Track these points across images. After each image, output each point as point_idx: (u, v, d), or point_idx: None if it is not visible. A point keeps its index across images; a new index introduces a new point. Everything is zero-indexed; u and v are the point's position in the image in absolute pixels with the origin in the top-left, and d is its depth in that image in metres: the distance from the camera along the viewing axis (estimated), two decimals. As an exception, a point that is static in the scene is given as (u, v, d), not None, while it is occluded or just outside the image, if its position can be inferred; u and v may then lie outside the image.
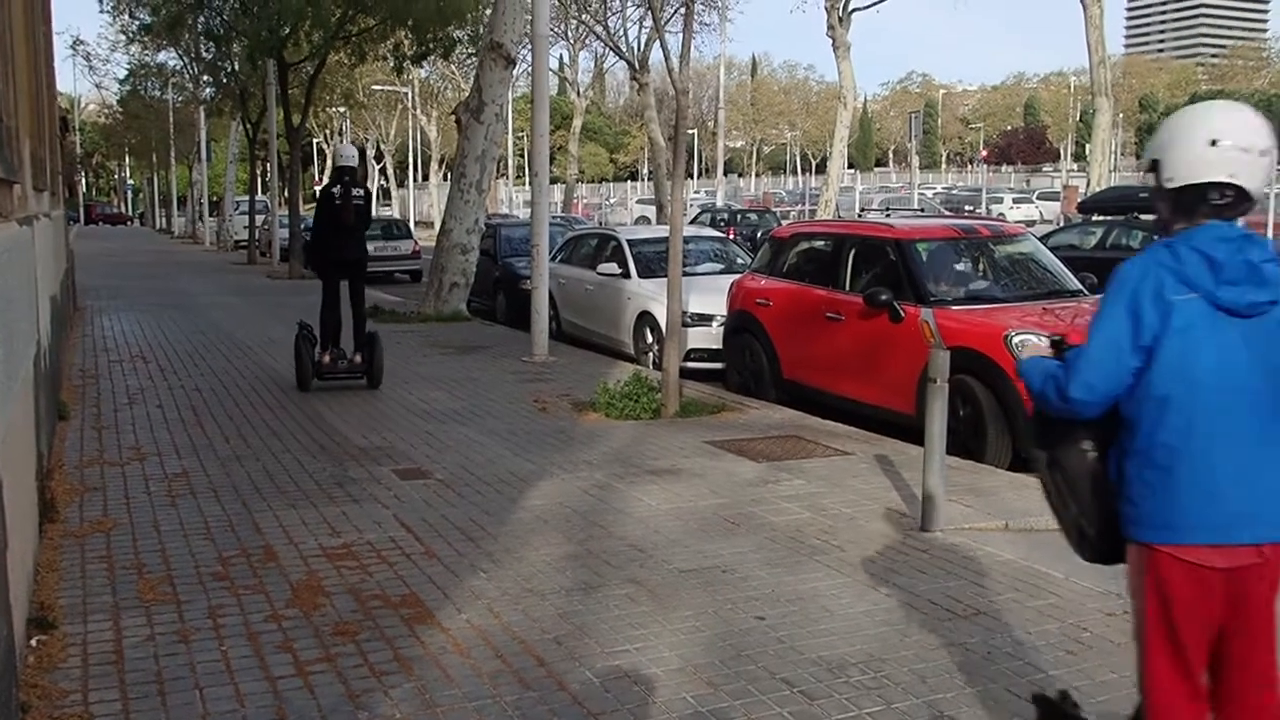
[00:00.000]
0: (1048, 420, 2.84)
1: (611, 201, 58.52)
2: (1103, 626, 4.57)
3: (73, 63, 47.42)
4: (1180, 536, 2.58)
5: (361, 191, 10.36)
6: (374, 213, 12.06)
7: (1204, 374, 2.55)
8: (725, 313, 10.89)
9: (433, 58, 25.87)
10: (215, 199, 48.46)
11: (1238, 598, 2.60)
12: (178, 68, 37.49)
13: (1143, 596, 2.70)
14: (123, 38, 33.06)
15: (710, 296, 11.37)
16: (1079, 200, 21.57)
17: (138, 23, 29.52)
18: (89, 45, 70.71)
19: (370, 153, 73.84)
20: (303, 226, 21.65)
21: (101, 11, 29.63)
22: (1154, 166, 2.70)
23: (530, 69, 13.15)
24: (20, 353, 4.92)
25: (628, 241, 13.27)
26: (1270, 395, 2.57)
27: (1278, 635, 2.64)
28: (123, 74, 51.03)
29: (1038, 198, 48.36)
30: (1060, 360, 2.80)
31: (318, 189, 20.57)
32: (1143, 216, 17.35)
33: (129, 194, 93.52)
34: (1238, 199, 2.60)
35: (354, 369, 10.31)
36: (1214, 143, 2.58)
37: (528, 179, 15.75)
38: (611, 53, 36.96)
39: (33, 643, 4.22)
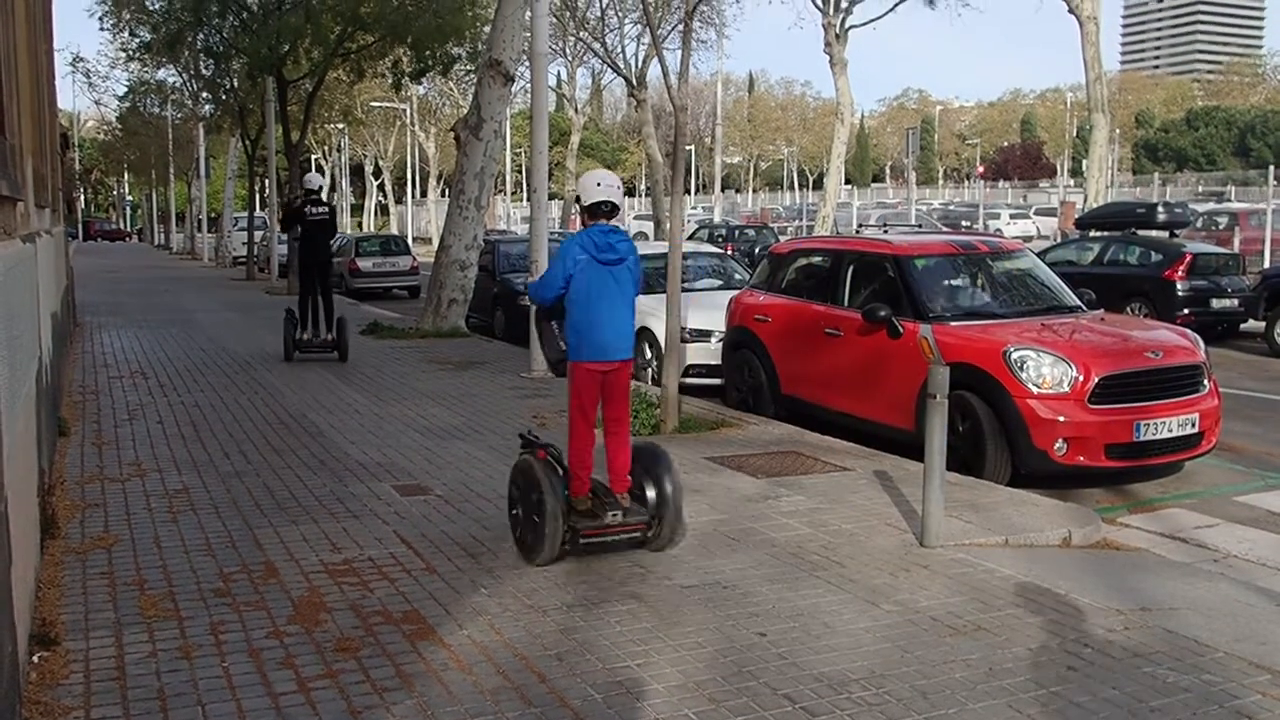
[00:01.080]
0: (540, 309, 5.87)
1: (609, 217, 58.44)
2: (1104, 642, 4.58)
3: (72, 79, 47.50)
4: (584, 357, 5.55)
5: (325, 208, 13.16)
6: (338, 224, 15.47)
7: (591, 290, 5.53)
8: (724, 328, 10.91)
9: (431, 75, 26.00)
10: (214, 215, 48.53)
11: (608, 385, 5.64)
12: (177, 84, 37.61)
13: (571, 388, 5.62)
14: (122, 55, 33.15)
15: (709, 312, 11.39)
16: (1076, 216, 21.64)
17: (138, 40, 29.61)
18: (89, 62, 70.68)
19: (369, 169, 74.10)
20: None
21: (101, 29, 29.81)
22: (578, 198, 5.70)
23: (529, 86, 13.21)
24: (23, 369, 4.93)
25: (626, 257, 13.27)
26: (621, 297, 5.62)
27: (629, 401, 5.77)
28: (122, 91, 51.17)
29: (1035, 213, 48.42)
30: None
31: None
32: (1140, 232, 17.45)
33: (127, 210, 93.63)
34: (612, 210, 5.64)
35: (327, 345, 13.14)
36: (599, 184, 5.63)
37: (526, 195, 15.77)
38: (609, 69, 37.08)
39: (35, 659, 4.23)
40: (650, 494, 5.62)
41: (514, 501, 5.70)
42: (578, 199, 5.68)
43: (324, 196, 13.79)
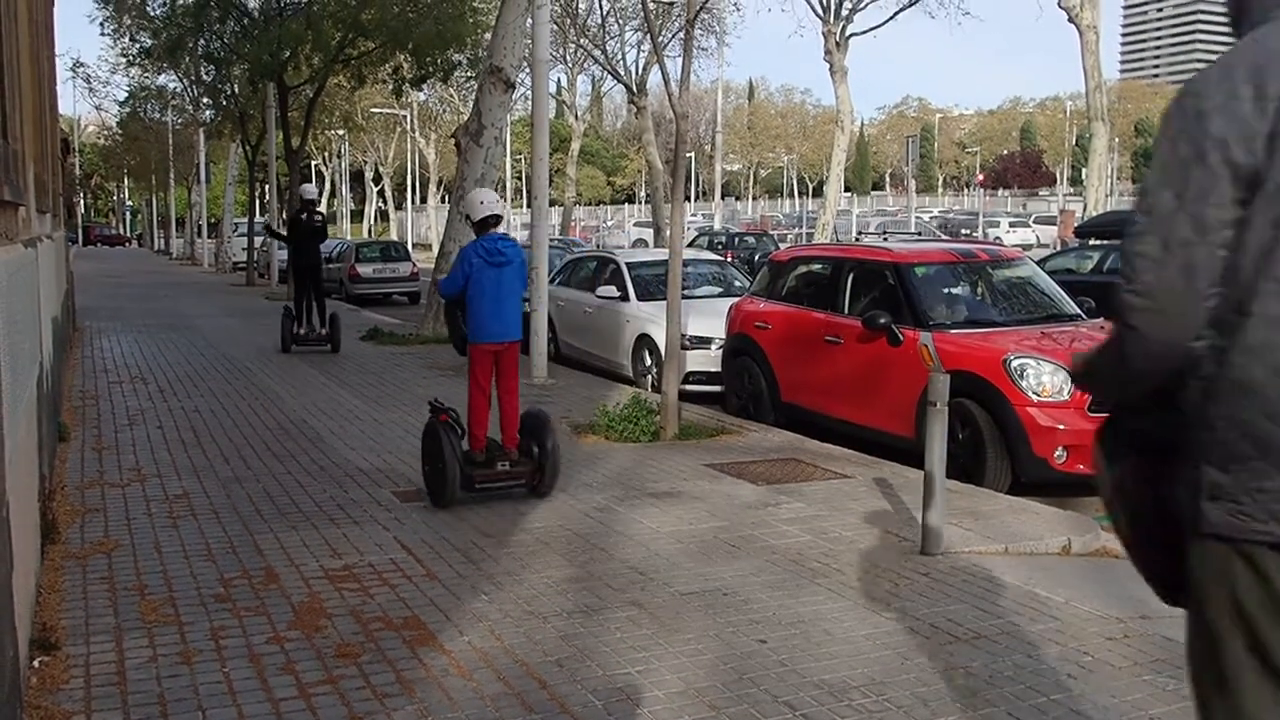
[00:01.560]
0: (448, 302, 7.08)
1: (609, 224, 58.65)
2: (1104, 650, 4.58)
3: (73, 84, 47.49)
4: (481, 339, 6.74)
5: (319, 216, 15.07)
6: (328, 231, 16.90)
7: (484, 287, 6.71)
8: (723, 336, 10.92)
9: (432, 81, 26.03)
10: (214, 220, 48.54)
11: (500, 361, 6.86)
12: (178, 90, 37.67)
13: (470, 365, 6.83)
14: (123, 60, 33.15)
15: (709, 319, 11.40)
16: (1076, 224, 21.67)
17: (138, 46, 29.63)
18: (89, 68, 70.78)
19: (369, 175, 74.18)
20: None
21: (102, 35, 29.95)
22: (466, 217, 7.05)
23: (529, 93, 13.25)
24: (25, 374, 4.94)
25: (626, 264, 13.31)
26: (508, 291, 6.78)
27: (517, 374, 7.10)
28: (123, 96, 51.23)
29: (1034, 221, 48.53)
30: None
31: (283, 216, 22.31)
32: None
33: (127, 215, 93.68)
34: (497, 220, 6.89)
35: (321, 338, 14.63)
36: (483, 203, 6.90)
37: (526, 201, 15.84)
38: (610, 76, 37.16)
39: (35, 664, 4.23)
40: (535, 450, 6.83)
41: (424, 456, 6.87)
42: (467, 217, 7.06)
43: (320, 205, 15.48)
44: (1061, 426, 7.34)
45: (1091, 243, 18.31)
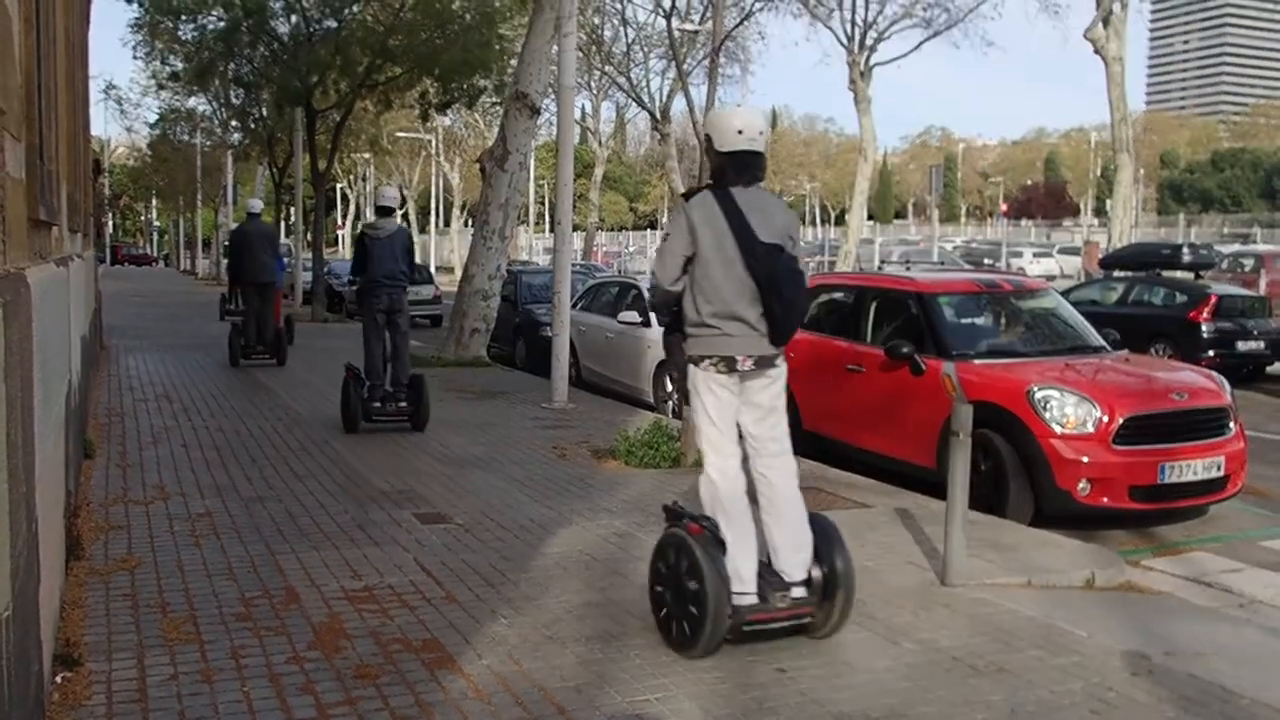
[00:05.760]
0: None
1: (631, 250, 58.79)
2: (1128, 686, 4.53)
3: (104, 106, 48.08)
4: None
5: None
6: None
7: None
8: (746, 363, 10.89)
9: (457, 106, 26.25)
10: (240, 242, 48.90)
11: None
12: (207, 113, 38.13)
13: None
14: (153, 83, 33.60)
15: (731, 346, 11.38)
16: (1100, 256, 21.60)
17: (169, 69, 30.03)
18: (121, 90, 71.75)
19: (394, 198, 74.59)
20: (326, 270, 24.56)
21: (135, 58, 30.52)
22: (708, 138, 4.78)
23: (554, 119, 13.36)
24: (54, 391, 4.99)
25: (648, 290, 13.33)
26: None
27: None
28: (153, 118, 51.82)
29: (1058, 252, 48.34)
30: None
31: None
32: (1165, 273, 17.38)
33: (155, 235, 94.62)
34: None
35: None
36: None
37: (548, 226, 15.97)
38: (634, 103, 37.37)
39: (58, 679, 4.25)
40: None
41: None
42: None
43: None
44: (1085, 459, 7.29)
45: (1116, 275, 18.25)
